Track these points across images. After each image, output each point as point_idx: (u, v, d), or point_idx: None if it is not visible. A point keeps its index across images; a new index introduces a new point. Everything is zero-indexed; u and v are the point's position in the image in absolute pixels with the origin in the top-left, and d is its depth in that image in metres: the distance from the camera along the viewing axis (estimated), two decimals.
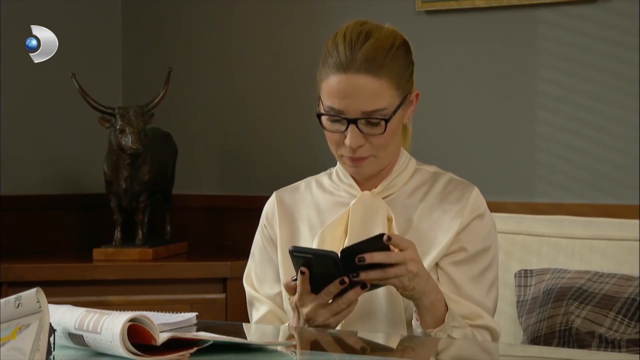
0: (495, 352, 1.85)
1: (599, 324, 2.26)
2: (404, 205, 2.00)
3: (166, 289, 3.11)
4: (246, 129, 3.54)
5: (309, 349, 1.80)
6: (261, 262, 2.07)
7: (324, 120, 1.94)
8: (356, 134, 1.91)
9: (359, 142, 1.92)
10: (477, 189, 2.01)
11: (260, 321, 2.03)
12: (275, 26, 3.49)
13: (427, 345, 1.82)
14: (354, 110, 1.91)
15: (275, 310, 2.04)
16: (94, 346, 1.53)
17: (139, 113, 3.18)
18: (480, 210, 1.99)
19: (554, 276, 2.39)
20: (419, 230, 1.97)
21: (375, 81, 1.91)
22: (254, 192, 3.44)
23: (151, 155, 3.27)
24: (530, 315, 2.37)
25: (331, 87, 1.92)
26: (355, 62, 1.91)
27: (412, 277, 1.80)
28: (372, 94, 1.91)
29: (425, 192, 2.01)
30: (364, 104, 1.90)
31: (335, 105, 1.92)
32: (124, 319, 1.48)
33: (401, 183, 2.02)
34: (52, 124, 3.57)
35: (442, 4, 3.13)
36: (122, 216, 3.32)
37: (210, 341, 1.55)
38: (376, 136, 1.92)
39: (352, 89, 1.91)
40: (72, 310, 1.58)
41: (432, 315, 1.86)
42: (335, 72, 1.92)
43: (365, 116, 1.91)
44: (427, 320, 1.86)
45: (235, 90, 3.57)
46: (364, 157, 1.94)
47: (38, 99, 3.53)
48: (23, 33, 2.17)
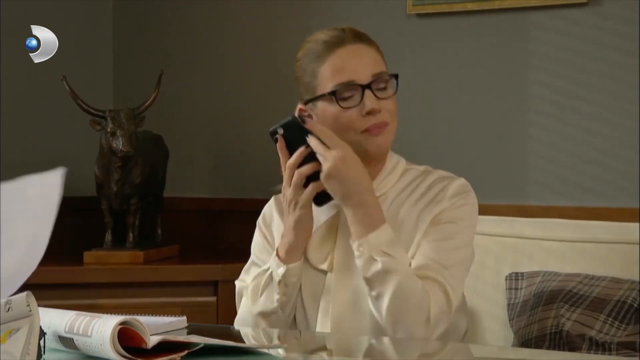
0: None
1: (589, 327, 2.26)
2: (393, 203, 2.00)
3: (157, 292, 3.10)
4: (237, 132, 3.54)
5: (299, 351, 1.80)
6: (254, 264, 2.06)
7: (337, 100, 1.93)
8: (373, 97, 1.93)
9: (378, 104, 1.93)
10: (464, 180, 2.01)
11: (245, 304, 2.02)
12: (267, 29, 3.49)
13: (416, 348, 1.82)
14: (365, 75, 1.94)
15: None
16: (85, 349, 1.52)
17: (130, 116, 3.18)
18: (460, 195, 1.98)
19: (545, 279, 2.39)
20: (405, 226, 1.97)
21: (371, 49, 1.97)
22: (246, 194, 3.43)
23: (142, 158, 3.27)
24: (521, 318, 2.37)
25: (334, 65, 1.94)
26: (347, 37, 1.96)
27: (327, 174, 1.86)
28: (374, 58, 1.96)
29: (413, 189, 2.01)
30: (372, 67, 1.95)
31: (344, 77, 1.93)
32: (115, 322, 1.47)
33: (391, 183, 2.02)
34: (43, 127, 3.56)
35: (433, 7, 3.13)
36: (113, 219, 3.31)
37: (201, 344, 1.55)
38: (389, 99, 1.95)
39: (356, 56, 1.94)
40: (63, 314, 1.57)
41: (356, 227, 1.88)
42: (332, 52, 1.95)
43: (376, 77, 1.94)
44: (352, 230, 1.88)
45: (227, 92, 3.57)
46: (386, 123, 1.95)
47: (29, 102, 3.52)
48: (14, 36, 2.17)
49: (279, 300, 1.93)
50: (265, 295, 1.96)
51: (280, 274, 1.92)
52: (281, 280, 1.92)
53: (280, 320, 1.95)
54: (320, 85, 1.96)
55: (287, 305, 1.94)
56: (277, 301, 1.93)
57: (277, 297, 1.93)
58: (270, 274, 1.95)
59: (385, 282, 1.85)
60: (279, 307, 1.94)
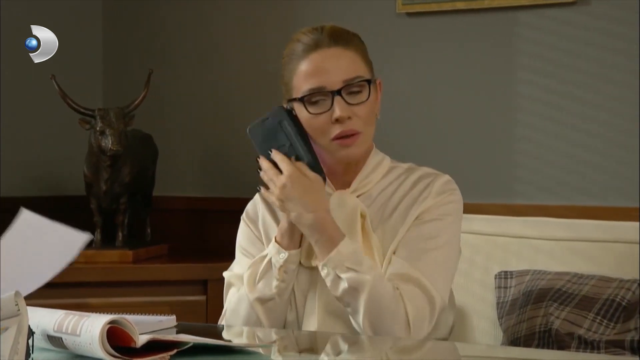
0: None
1: (578, 325, 2.27)
2: (376, 201, 2.00)
3: (146, 291, 3.10)
4: (227, 131, 3.54)
5: (288, 350, 1.80)
6: (243, 256, 2.06)
7: (306, 106, 1.93)
8: (343, 104, 1.92)
9: (347, 112, 1.92)
10: (448, 177, 2.01)
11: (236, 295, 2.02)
12: (256, 28, 3.49)
13: (403, 346, 1.82)
14: (335, 82, 1.92)
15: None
16: (73, 349, 1.52)
17: (120, 115, 3.17)
18: (445, 192, 1.98)
19: (534, 277, 2.40)
20: (389, 224, 1.97)
21: (348, 51, 1.95)
22: (235, 194, 3.43)
23: (131, 157, 3.26)
24: (510, 317, 2.37)
25: (306, 70, 1.94)
26: (324, 40, 1.94)
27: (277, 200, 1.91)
28: (348, 63, 1.94)
29: (397, 187, 2.01)
30: (343, 72, 1.93)
31: (315, 83, 1.93)
32: (104, 321, 1.47)
33: (374, 181, 2.02)
34: (31, 126, 3.55)
35: (422, 6, 3.13)
36: (102, 218, 3.31)
37: (190, 343, 1.55)
38: (361, 105, 1.93)
39: (328, 61, 1.93)
40: (51, 313, 1.57)
41: (317, 248, 1.90)
42: (306, 55, 1.94)
43: (347, 83, 1.92)
44: (316, 252, 1.91)
45: (216, 91, 3.56)
46: (355, 133, 1.93)
47: (17, 101, 3.51)
48: (2, 35, 2.17)
49: (278, 286, 1.94)
50: (263, 281, 1.96)
51: (282, 259, 1.93)
52: (282, 266, 1.93)
53: (276, 306, 1.95)
54: (295, 88, 1.96)
55: (284, 293, 1.95)
56: (276, 287, 1.94)
57: (275, 284, 1.94)
58: (269, 260, 1.95)
59: (355, 297, 1.86)
60: (276, 294, 1.94)
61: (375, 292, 1.85)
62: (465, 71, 3.10)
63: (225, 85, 3.54)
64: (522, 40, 3.02)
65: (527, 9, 2.99)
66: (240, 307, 1.97)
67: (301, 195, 1.90)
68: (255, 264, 1.98)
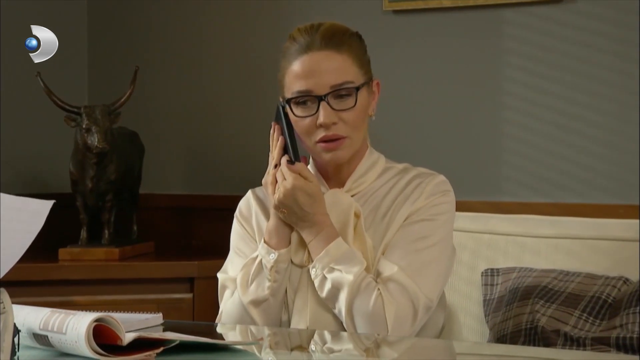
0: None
1: (564, 322, 2.27)
2: (370, 201, 2.00)
3: (133, 288, 3.09)
4: (213, 129, 3.54)
5: (276, 348, 1.80)
6: (237, 256, 2.07)
7: (293, 107, 1.95)
8: (328, 110, 1.92)
9: (332, 118, 1.92)
10: (443, 177, 2.01)
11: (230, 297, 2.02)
12: (243, 26, 3.48)
13: (393, 344, 1.82)
14: (323, 86, 1.92)
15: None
16: (59, 346, 1.52)
17: (105, 112, 3.17)
18: (438, 193, 1.98)
19: (520, 275, 2.40)
20: (381, 224, 1.98)
21: (339, 55, 1.94)
22: (221, 191, 3.43)
23: (117, 155, 3.25)
24: (496, 314, 2.38)
25: (296, 71, 1.94)
26: (316, 42, 1.94)
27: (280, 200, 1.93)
28: (337, 67, 1.93)
29: (391, 187, 2.02)
30: (331, 77, 1.93)
31: (303, 86, 1.93)
32: (90, 319, 1.47)
33: (369, 181, 2.02)
34: (17, 123, 3.54)
35: (408, 3, 3.14)
36: (88, 216, 3.30)
37: (177, 341, 1.55)
38: (348, 111, 1.93)
39: (317, 65, 1.93)
40: (37, 311, 1.57)
41: (312, 251, 1.93)
42: (297, 56, 1.94)
43: (335, 89, 1.92)
44: (310, 251, 1.93)
45: (203, 89, 3.56)
46: (340, 138, 1.94)
47: (2, 98, 3.50)
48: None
49: (270, 287, 1.94)
50: (255, 283, 1.96)
51: (272, 259, 1.94)
52: (273, 266, 1.93)
53: (271, 307, 1.95)
54: (286, 87, 1.98)
55: (278, 293, 1.95)
56: (269, 288, 1.94)
57: (268, 284, 1.94)
58: (260, 262, 1.95)
59: (337, 298, 1.89)
60: (270, 295, 1.94)
61: (354, 291, 1.87)
62: (452, 69, 3.11)
63: (211, 83, 3.54)
64: (508, 38, 3.02)
65: (513, 6, 3.00)
66: (234, 309, 1.98)
67: (303, 201, 1.92)
68: (247, 266, 1.98)
